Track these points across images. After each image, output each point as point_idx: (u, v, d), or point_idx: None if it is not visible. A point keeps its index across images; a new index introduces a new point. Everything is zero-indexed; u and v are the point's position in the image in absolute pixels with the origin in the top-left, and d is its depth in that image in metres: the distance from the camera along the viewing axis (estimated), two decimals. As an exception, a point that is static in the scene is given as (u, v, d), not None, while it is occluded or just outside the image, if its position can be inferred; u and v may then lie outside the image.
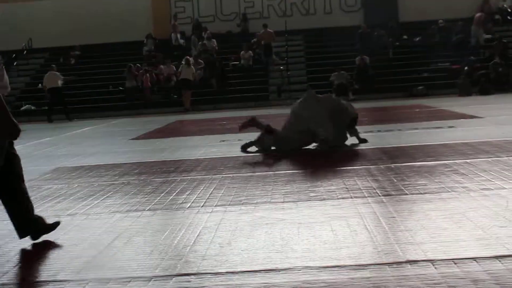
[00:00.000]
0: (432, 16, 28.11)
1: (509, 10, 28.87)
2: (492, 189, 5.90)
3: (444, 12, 28.28)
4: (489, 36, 26.99)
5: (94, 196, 6.78)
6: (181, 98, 24.71)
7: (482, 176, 6.54)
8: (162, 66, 26.74)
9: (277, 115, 18.77)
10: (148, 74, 25.97)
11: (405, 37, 28.28)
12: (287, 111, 19.79)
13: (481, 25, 27.02)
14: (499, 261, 3.82)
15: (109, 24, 29.94)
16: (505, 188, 5.90)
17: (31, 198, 5.09)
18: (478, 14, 27.39)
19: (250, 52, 27.33)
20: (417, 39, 27.87)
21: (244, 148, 9.87)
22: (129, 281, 3.86)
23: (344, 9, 30.44)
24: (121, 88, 26.46)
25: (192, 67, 24.72)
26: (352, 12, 30.29)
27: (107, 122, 19.31)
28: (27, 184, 5.14)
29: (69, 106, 23.75)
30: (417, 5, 28.86)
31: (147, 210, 5.92)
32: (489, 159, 7.64)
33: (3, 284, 3.96)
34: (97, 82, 27.30)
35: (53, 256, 4.57)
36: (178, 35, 29.49)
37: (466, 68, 24.08)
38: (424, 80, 25.03)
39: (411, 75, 25.34)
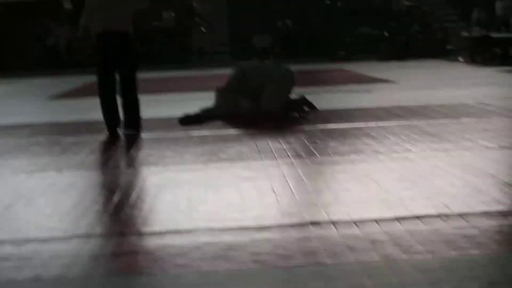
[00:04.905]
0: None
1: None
2: (400, 152, 5.97)
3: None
4: (408, 3, 27.30)
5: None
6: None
7: (392, 139, 6.62)
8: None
9: (197, 78, 18.65)
10: (64, 35, 25.18)
11: (327, 1, 28.34)
12: (207, 73, 19.78)
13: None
14: (399, 222, 3.86)
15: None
16: (412, 151, 5.99)
17: None
18: None
19: (172, 13, 26.89)
20: (339, 4, 27.98)
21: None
22: (25, 243, 3.74)
23: (268, -29, 30.21)
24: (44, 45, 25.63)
25: None
26: (276, -25, 30.10)
27: (23, 82, 18.71)
28: None
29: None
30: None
31: (53, 170, 5.76)
32: (401, 122, 7.74)
33: None
34: (16, 40, 26.40)
35: None
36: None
37: (386, 34, 24.34)
38: (345, 45, 25.20)
39: (333, 40, 25.45)
